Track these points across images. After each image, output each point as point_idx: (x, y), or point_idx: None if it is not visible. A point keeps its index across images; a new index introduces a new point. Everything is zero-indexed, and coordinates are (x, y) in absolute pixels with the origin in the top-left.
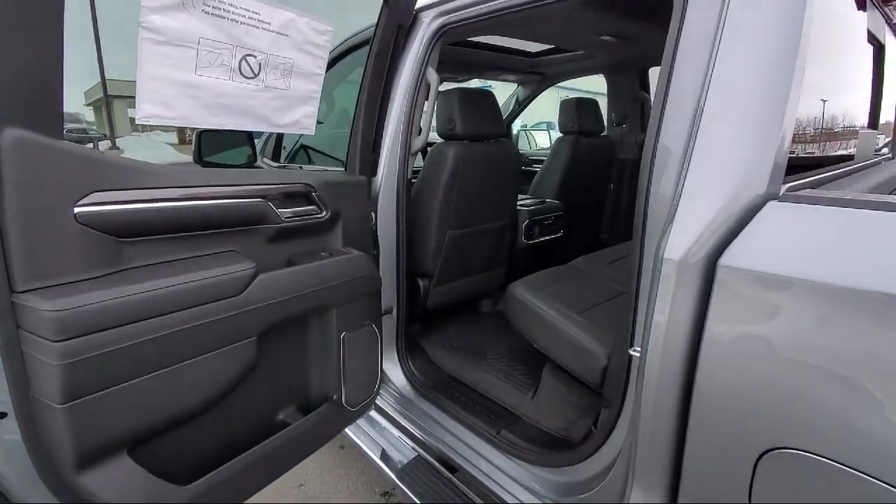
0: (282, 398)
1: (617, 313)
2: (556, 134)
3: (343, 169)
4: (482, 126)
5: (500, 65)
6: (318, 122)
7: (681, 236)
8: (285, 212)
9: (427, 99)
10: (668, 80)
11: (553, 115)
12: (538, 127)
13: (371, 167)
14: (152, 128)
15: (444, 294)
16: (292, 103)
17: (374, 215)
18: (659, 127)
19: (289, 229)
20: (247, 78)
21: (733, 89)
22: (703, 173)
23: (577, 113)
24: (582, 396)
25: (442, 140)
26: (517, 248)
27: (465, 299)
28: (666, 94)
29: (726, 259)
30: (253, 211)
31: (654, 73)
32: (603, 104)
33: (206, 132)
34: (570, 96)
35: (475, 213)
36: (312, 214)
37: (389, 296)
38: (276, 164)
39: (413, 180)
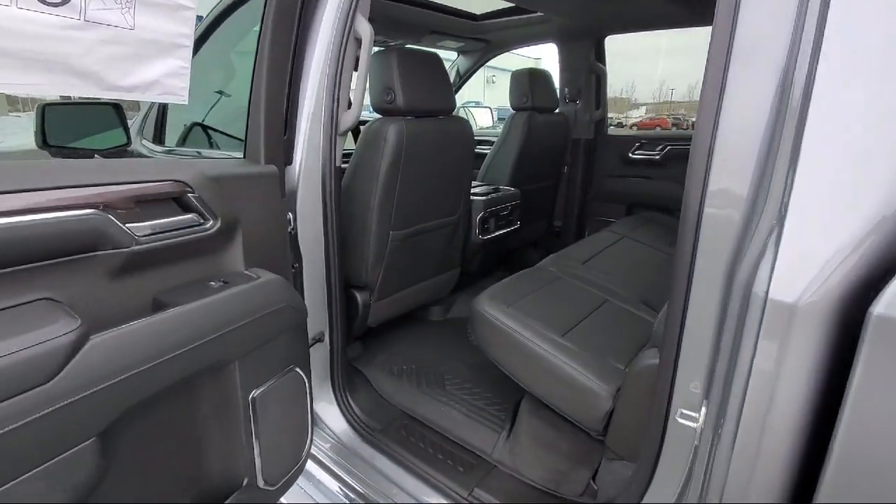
0: (163, 501)
1: (609, 330)
2: (484, 111)
3: (242, 156)
4: (431, 98)
5: (439, 27)
6: (218, 93)
7: (792, 266)
8: (140, 226)
9: (357, 61)
10: (733, 26)
11: (479, 95)
12: (466, 105)
13: (284, 152)
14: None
15: (387, 307)
16: (143, 53)
17: (291, 217)
18: (720, 98)
19: (149, 253)
20: (48, 4)
21: (872, 25)
22: (826, 168)
23: (531, 86)
24: (573, 440)
25: (379, 116)
26: (471, 245)
27: (413, 309)
28: (729, 49)
29: (886, 306)
30: (82, 229)
31: (610, 43)
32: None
33: (52, 105)
34: (496, 76)
35: (424, 207)
36: (190, 227)
37: (320, 319)
38: (160, 150)
39: (346, 166)
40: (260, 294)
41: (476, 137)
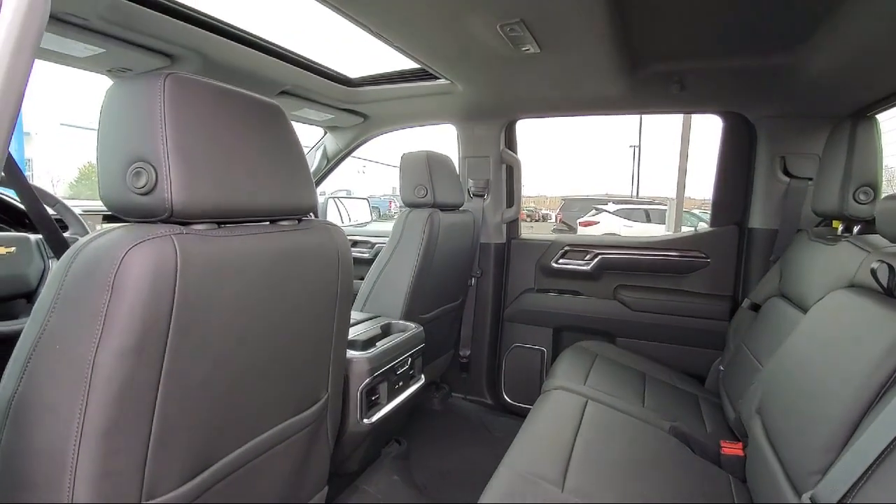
0: None
1: None
2: (359, 203)
3: None
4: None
5: (295, 87)
6: None
7: None
8: None
9: None
10: None
11: (346, 182)
12: (336, 196)
13: None
14: None
15: None
16: None
17: None
18: None
19: None
20: None
21: None
22: None
23: (431, 174)
24: None
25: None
26: (348, 438)
27: None
28: None
29: None
30: None
31: (523, 127)
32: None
33: None
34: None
35: (242, 418)
36: None
37: None
38: None
39: None
40: None
41: (351, 238)
